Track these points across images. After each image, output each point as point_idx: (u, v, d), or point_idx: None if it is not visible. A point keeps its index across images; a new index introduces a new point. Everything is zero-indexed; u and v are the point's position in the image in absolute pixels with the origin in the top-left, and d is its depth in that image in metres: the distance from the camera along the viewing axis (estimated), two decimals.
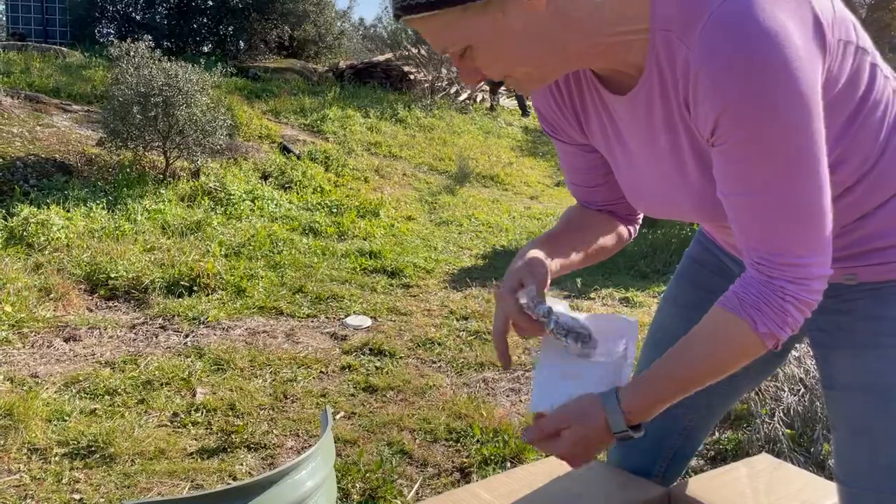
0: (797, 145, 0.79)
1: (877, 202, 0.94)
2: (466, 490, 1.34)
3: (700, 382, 0.94)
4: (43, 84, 7.70)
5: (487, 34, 0.83)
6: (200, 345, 3.42)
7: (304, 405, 2.90)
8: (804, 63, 0.77)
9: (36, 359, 3.19)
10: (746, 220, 0.85)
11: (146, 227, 4.93)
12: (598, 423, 0.97)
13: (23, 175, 5.38)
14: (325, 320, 3.94)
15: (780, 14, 0.76)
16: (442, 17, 0.82)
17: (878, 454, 0.98)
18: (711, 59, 0.78)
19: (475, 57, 0.87)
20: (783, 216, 0.82)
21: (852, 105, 0.88)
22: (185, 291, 4.09)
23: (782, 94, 0.77)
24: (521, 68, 0.89)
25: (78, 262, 4.19)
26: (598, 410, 0.97)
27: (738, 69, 0.77)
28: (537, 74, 0.90)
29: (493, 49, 0.85)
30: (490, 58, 0.87)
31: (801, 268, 0.84)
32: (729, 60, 0.77)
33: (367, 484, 2.29)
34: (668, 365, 0.94)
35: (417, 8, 0.82)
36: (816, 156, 0.80)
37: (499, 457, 2.48)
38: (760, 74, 0.76)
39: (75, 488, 2.23)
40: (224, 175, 6.18)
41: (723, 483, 1.33)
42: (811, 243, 0.83)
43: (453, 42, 0.86)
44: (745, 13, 0.76)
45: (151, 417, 2.72)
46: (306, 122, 8.82)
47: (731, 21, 0.77)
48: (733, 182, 0.84)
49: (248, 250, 4.81)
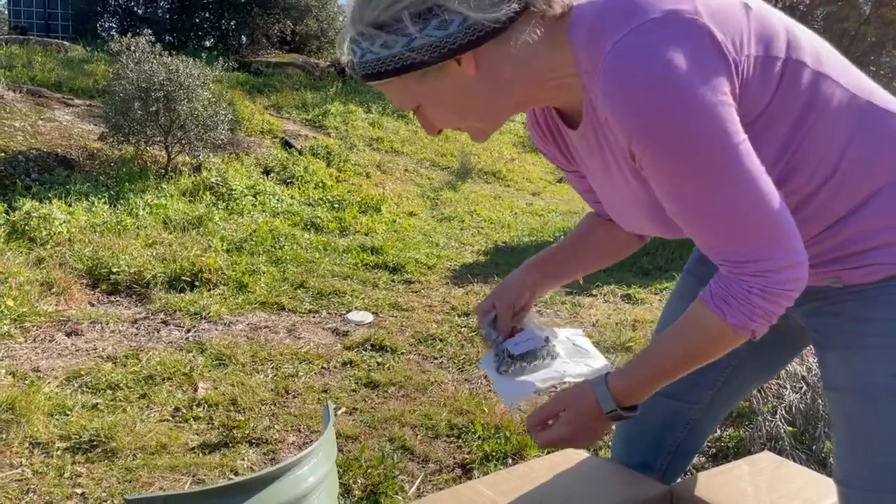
0: (710, 158, 0.85)
1: (848, 206, 0.96)
2: (468, 486, 1.34)
3: (681, 368, 1.01)
4: (45, 78, 7.69)
5: (431, 96, 0.95)
6: (202, 340, 3.43)
7: (305, 401, 2.90)
8: (696, 83, 0.83)
9: (38, 353, 3.20)
10: (695, 232, 0.92)
11: (148, 222, 4.93)
12: (590, 404, 1.05)
13: (25, 169, 5.38)
14: (327, 316, 3.94)
15: (663, 47, 0.83)
16: (391, 84, 0.95)
17: (872, 453, 0.99)
18: (610, 100, 0.87)
19: (426, 114, 0.99)
20: (725, 223, 0.88)
21: (794, 113, 0.92)
22: (186, 286, 4.09)
23: (678, 116, 0.83)
24: (468, 122, 1.00)
25: (80, 256, 4.19)
26: (589, 392, 1.06)
27: (632, 105, 0.84)
28: (483, 126, 1.01)
29: (438, 108, 0.97)
30: (438, 115, 0.99)
31: (759, 262, 0.88)
32: (623, 99, 0.85)
33: (368, 479, 2.29)
34: (653, 350, 1.02)
35: (370, 77, 0.95)
36: (737, 161, 0.85)
37: (500, 453, 2.48)
38: (652, 104, 0.83)
39: (77, 482, 2.23)
40: (226, 170, 6.18)
41: (725, 481, 1.33)
42: (762, 240, 0.88)
43: (405, 103, 0.98)
44: (629, 54, 0.84)
45: (153, 412, 2.73)
46: (308, 117, 8.81)
47: (619, 64, 0.85)
48: (668, 201, 0.91)
49: (249, 245, 4.81)
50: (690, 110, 0.83)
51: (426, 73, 0.92)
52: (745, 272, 0.89)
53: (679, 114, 0.83)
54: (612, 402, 1.04)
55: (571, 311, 4.21)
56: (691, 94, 0.82)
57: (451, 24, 0.88)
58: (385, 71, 0.93)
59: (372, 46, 0.92)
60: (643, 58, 0.83)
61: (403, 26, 0.89)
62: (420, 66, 0.91)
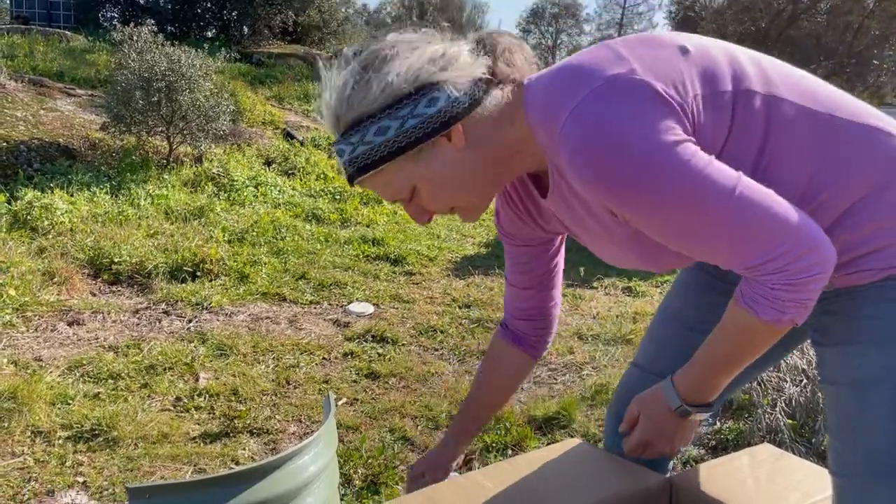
0: (683, 191, 0.89)
1: (829, 221, 0.97)
2: (468, 477, 1.34)
3: (733, 365, 1.05)
4: (47, 68, 7.68)
5: (426, 175, 0.98)
6: (203, 330, 3.43)
7: (306, 391, 2.91)
8: (647, 133, 0.88)
9: (40, 342, 3.21)
10: (702, 256, 0.98)
11: (149, 212, 4.93)
12: (660, 403, 1.13)
13: (27, 159, 5.38)
14: (328, 307, 3.95)
15: (610, 111, 0.89)
16: (385, 171, 0.97)
17: (861, 443, 1.02)
18: (575, 171, 0.92)
19: (421, 197, 1.01)
20: (725, 241, 0.92)
21: (756, 139, 0.96)
22: (188, 277, 4.10)
23: (639, 168, 0.88)
24: (463, 198, 1.03)
25: (81, 246, 4.20)
26: (658, 392, 1.13)
27: (596, 171, 0.90)
28: (477, 201, 1.05)
29: (434, 186, 1.00)
30: (434, 195, 1.01)
31: (772, 261, 0.90)
32: (586, 169, 0.90)
33: (369, 469, 2.30)
34: (705, 350, 1.07)
35: (366, 168, 0.98)
36: (709, 182, 0.89)
37: (500, 444, 2.48)
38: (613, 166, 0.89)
39: (79, 471, 2.24)
40: (227, 161, 6.18)
41: (724, 472, 1.33)
42: (766, 240, 0.90)
43: (400, 189, 1.01)
44: (581, 127, 0.90)
45: (154, 402, 2.73)
46: (310, 108, 8.80)
47: (574, 137, 0.90)
48: (666, 239, 0.96)
49: (251, 236, 4.81)
50: (650, 157, 0.88)
51: (421, 151, 0.96)
52: (763, 273, 0.91)
53: (639, 165, 0.88)
54: (677, 398, 1.10)
55: (572, 303, 4.21)
56: (645, 144, 0.87)
57: (438, 101, 0.94)
58: (381, 157, 0.96)
59: (365, 137, 0.95)
60: (594, 127, 0.89)
61: (395, 110, 0.94)
62: (416, 144, 0.95)
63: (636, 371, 1.41)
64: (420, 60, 0.95)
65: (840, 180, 0.97)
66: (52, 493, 2.13)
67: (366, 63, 0.96)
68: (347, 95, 0.96)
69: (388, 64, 0.95)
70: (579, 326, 3.82)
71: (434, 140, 0.96)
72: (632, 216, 0.94)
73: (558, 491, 1.27)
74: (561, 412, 2.72)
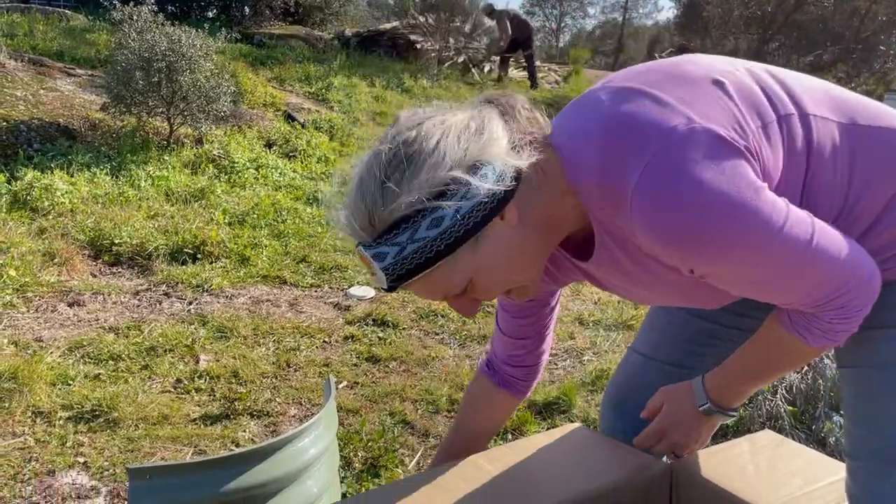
0: (767, 247, 0.87)
1: (864, 226, 0.98)
2: (468, 461, 1.34)
3: (768, 377, 1.10)
4: (46, 47, 7.63)
5: (484, 262, 0.90)
6: (204, 312, 3.43)
7: (306, 374, 2.91)
8: (729, 189, 0.83)
9: (40, 323, 3.21)
10: (768, 299, 0.97)
11: (150, 194, 4.92)
12: (686, 398, 1.15)
13: (27, 139, 5.35)
14: (329, 290, 3.94)
15: (683, 172, 0.83)
16: (440, 269, 0.88)
17: (884, 427, 1.02)
18: (654, 236, 0.87)
19: (476, 288, 0.94)
20: (799, 288, 0.92)
21: (803, 165, 0.95)
22: (188, 259, 4.09)
23: (728, 229, 0.84)
24: (520, 276, 0.97)
25: (82, 227, 4.19)
26: (686, 387, 1.16)
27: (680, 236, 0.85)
28: (533, 275, 0.99)
29: (492, 273, 0.93)
30: (491, 282, 0.94)
31: (836, 300, 0.92)
32: (669, 234, 0.85)
33: (368, 453, 2.31)
34: (741, 359, 1.09)
35: (417, 270, 0.87)
36: (791, 236, 0.87)
37: (500, 428, 2.49)
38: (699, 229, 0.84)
39: (79, 451, 2.25)
40: (228, 142, 6.14)
41: (725, 458, 1.33)
42: (834, 283, 0.91)
43: (456, 284, 0.92)
44: (657, 192, 0.84)
45: (155, 383, 2.74)
46: (311, 90, 8.74)
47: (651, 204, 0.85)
48: (737, 288, 0.95)
49: (251, 219, 4.80)
50: (737, 216, 0.84)
51: (478, 239, 0.87)
52: (825, 310, 0.94)
53: (726, 226, 0.84)
54: (704, 396, 1.12)
55: (574, 288, 4.20)
56: (729, 201, 0.83)
57: (488, 177, 0.85)
58: (438, 252, 0.86)
59: (416, 234, 0.84)
60: (671, 190, 0.83)
61: (448, 196, 0.83)
62: (476, 231, 0.86)
63: (638, 359, 1.41)
64: (460, 138, 0.86)
65: (874, 187, 0.96)
66: (52, 472, 2.13)
67: (397, 151, 0.86)
68: (387, 190, 0.84)
69: (424, 146, 0.85)
70: (580, 312, 3.82)
71: (491, 223, 0.87)
72: (709, 272, 0.91)
73: (558, 475, 1.27)
74: (561, 397, 2.72)
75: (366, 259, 0.89)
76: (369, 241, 0.87)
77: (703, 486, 1.27)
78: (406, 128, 0.88)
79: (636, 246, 0.94)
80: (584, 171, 0.91)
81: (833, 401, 2.36)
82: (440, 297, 0.94)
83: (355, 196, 0.87)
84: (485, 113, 0.90)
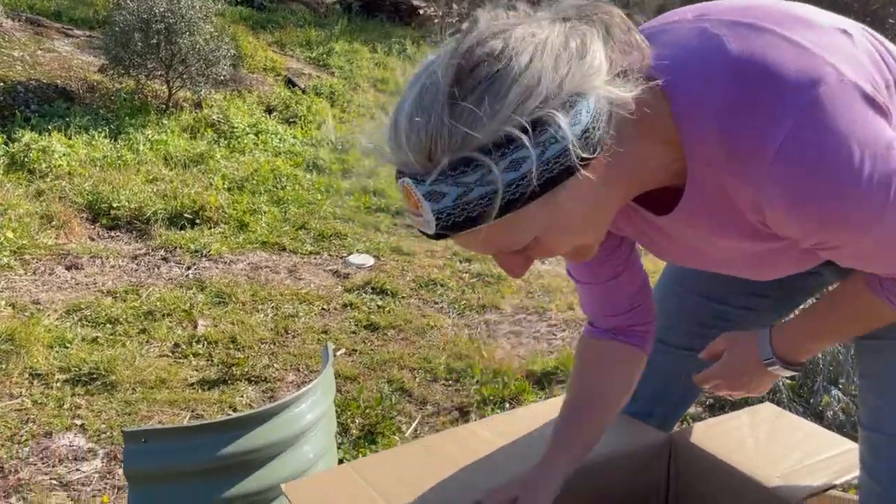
0: None
1: None
2: (465, 428, 1.33)
3: (841, 337, 1.08)
4: (44, 7, 7.51)
5: (558, 217, 0.73)
6: (202, 277, 3.42)
7: (305, 341, 2.90)
8: (878, 154, 0.73)
9: (38, 285, 3.19)
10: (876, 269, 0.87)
11: (148, 158, 4.88)
12: (750, 349, 1.08)
13: (24, 100, 5.29)
14: (328, 258, 3.92)
15: (828, 134, 0.72)
16: (506, 221, 0.70)
17: None
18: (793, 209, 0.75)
19: (538, 246, 0.77)
20: None
21: None
22: (187, 224, 4.07)
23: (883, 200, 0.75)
24: (588, 237, 0.82)
25: (80, 190, 4.16)
26: (751, 337, 1.08)
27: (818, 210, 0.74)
28: (598, 236, 0.84)
29: (563, 232, 0.77)
30: (559, 241, 0.78)
31: None
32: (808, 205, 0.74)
33: (366, 419, 2.31)
34: (815, 318, 1.03)
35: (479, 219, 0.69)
36: None
37: (498, 397, 2.49)
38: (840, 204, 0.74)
39: (76, 414, 2.25)
40: (227, 107, 6.08)
41: (725, 430, 1.33)
42: None
43: (518, 241, 0.75)
44: (798, 157, 0.72)
45: (153, 347, 2.73)
46: (312, 55, 8.63)
47: (792, 170, 0.72)
48: (861, 262, 0.86)
49: (251, 185, 4.76)
50: (883, 190, 0.74)
51: (556, 192, 0.70)
52: None
53: (886, 200, 0.75)
54: (769, 350, 1.06)
55: None
56: (889, 173, 0.74)
57: (581, 116, 0.68)
58: (509, 202, 0.68)
59: (488, 175, 0.66)
60: (829, 160, 0.72)
61: (537, 133, 0.66)
62: (556, 182, 0.69)
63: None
64: (558, 60, 0.68)
65: None
66: (49, 434, 2.14)
67: (479, 64, 0.67)
68: (462, 112, 0.65)
69: (514, 65, 0.66)
70: None
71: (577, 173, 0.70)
72: (844, 244, 0.80)
73: None
74: (559, 367, 2.72)
75: (412, 196, 0.70)
76: (421, 174, 0.68)
77: (702, 458, 1.26)
78: (490, 34, 0.69)
79: (732, 205, 0.81)
80: (700, 120, 0.76)
81: (832, 375, 2.36)
82: (490, 252, 0.78)
83: (411, 111, 0.68)
84: (583, 30, 0.72)
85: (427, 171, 0.68)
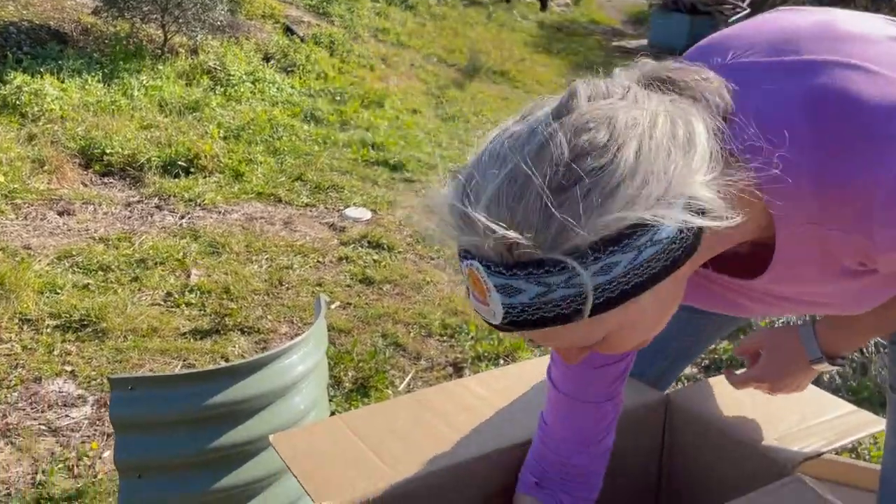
0: None
1: None
2: (459, 384, 1.31)
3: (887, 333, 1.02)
4: None
5: (633, 319, 0.67)
6: (196, 227, 3.37)
7: (299, 293, 2.88)
8: None
9: (29, 231, 3.15)
10: None
11: (143, 104, 4.78)
12: (793, 347, 1.04)
13: (16, 41, 5.16)
14: (324, 210, 3.88)
15: None
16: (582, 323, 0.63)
17: None
18: None
19: (605, 343, 0.70)
20: None
21: None
22: (181, 172, 4.00)
23: None
24: (654, 333, 0.74)
25: (72, 135, 4.08)
26: (793, 335, 1.05)
27: None
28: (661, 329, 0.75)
29: (637, 330, 0.70)
30: (630, 339, 0.71)
31: None
32: None
33: (359, 373, 2.29)
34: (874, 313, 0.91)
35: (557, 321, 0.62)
36: None
37: (492, 354, 2.47)
38: None
39: (66, 360, 2.23)
40: (224, 54, 5.95)
41: (722, 391, 1.30)
42: None
43: (587, 340, 0.69)
44: None
45: (145, 295, 2.70)
46: (312, 3, 8.43)
47: None
48: None
49: (247, 134, 4.68)
50: None
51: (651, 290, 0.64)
52: None
53: None
54: (817, 350, 1.02)
55: None
56: None
57: (679, 211, 0.62)
58: (594, 307, 0.61)
59: (572, 280, 0.59)
60: None
61: (638, 236, 0.60)
62: (645, 288, 0.63)
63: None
64: (669, 153, 0.61)
65: None
66: (38, 380, 2.12)
67: (579, 155, 0.60)
68: (552, 214, 0.58)
69: (619, 160, 0.59)
70: None
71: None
72: None
73: None
74: None
75: (480, 283, 0.63)
76: (496, 263, 0.61)
77: (698, 419, 1.24)
78: (591, 119, 0.61)
79: (832, 255, 0.76)
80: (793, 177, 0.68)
81: None
82: (554, 347, 0.73)
83: (496, 194, 0.61)
84: (683, 108, 0.65)
85: (504, 263, 0.61)
